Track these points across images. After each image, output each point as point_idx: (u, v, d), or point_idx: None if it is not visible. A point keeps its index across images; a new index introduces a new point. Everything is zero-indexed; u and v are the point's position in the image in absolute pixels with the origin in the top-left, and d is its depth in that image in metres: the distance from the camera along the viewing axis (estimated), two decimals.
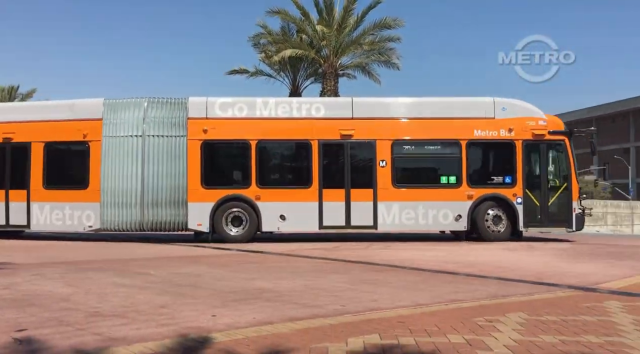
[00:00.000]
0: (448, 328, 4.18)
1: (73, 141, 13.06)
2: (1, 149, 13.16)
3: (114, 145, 12.70)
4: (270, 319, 4.53)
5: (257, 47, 24.76)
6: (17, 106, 14.01)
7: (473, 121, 12.84)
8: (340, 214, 12.63)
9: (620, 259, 9.18)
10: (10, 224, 13.05)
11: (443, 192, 12.75)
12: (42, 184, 12.96)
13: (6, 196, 13.05)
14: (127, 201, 12.62)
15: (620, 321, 4.52)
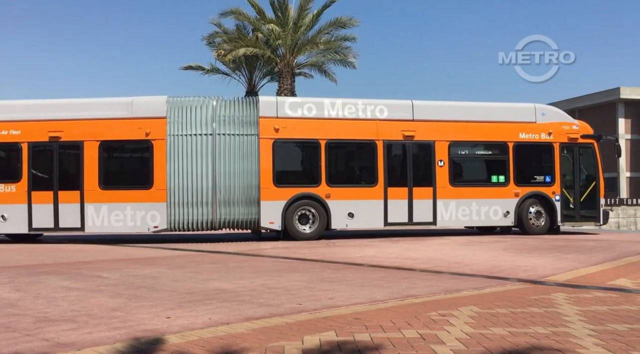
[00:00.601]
0: (403, 323, 4.26)
1: (133, 140, 12.60)
2: (48, 149, 12.57)
3: (180, 143, 12.41)
4: (226, 319, 4.50)
5: (211, 46, 24.50)
6: (65, 103, 12.99)
7: (518, 125, 13.83)
8: (403, 211, 13.16)
9: (567, 253, 9.54)
10: (60, 227, 12.42)
11: (493, 191, 13.66)
12: (98, 184, 12.40)
13: (55, 197, 12.39)
14: (197, 200, 12.36)
15: (566, 312, 4.71)
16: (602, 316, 4.52)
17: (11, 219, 12.35)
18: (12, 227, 12.49)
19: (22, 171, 12.41)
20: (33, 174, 12.44)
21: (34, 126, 12.47)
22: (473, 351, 3.47)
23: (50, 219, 12.35)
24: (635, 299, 5.33)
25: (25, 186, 12.39)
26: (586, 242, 11.66)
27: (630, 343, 3.69)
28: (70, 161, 12.75)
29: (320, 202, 12.76)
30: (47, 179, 12.51)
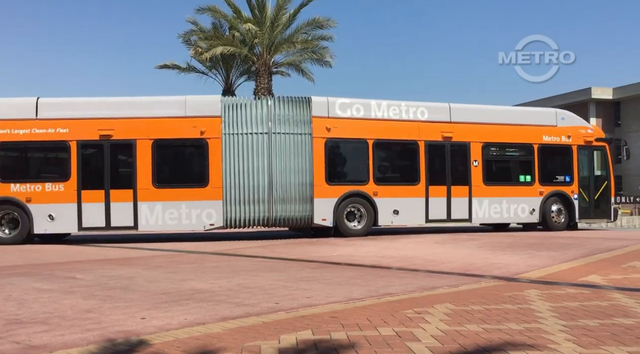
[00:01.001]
0: (379, 321, 4.29)
1: (188, 138, 12.65)
2: (98, 147, 12.45)
3: (236, 142, 12.58)
4: (203, 319, 4.47)
5: (188, 44, 24.26)
6: (116, 101, 12.93)
7: (541, 128, 14.80)
8: (442, 209, 13.83)
9: (539, 250, 9.71)
10: (112, 226, 12.32)
11: (521, 189, 14.56)
12: (151, 182, 12.38)
13: (106, 196, 12.26)
14: (253, 198, 12.57)
15: (538, 308, 4.80)
16: (573, 312, 4.61)
17: (59, 219, 12.18)
18: (60, 227, 12.35)
19: (70, 170, 12.25)
20: (83, 172, 12.30)
21: (83, 124, 12.34)
22: (448, 348, 3.51)
23: (101, 218, 12.24)
24: (606, 295, 5.46)
25: (74, 184, 12.22)
26: (558, 239, 11.88)
27: (601, 338, 3.78)
28: (121, 160, 12.75)
29: (368, 200, 13.26)
30: (98, 178, 12.40)
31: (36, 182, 12.18)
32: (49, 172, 12.67)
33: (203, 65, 24.87)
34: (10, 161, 12.60)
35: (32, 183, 12.14)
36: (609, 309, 4.74)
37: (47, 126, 12.22)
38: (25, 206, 12.05)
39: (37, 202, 12.06)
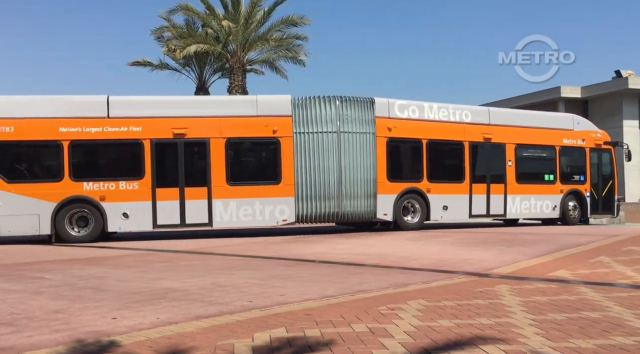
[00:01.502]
0: (353, 318, 4.31)
1: (261, 137, 12.97)
2: (172, 146, 12.57)
3: (307, 140, 13.04)
4: (175, 318, 4.43)
5: (160, 41, 23.93)
6: (189, 100, 13.13)
7: (561, 131, 16.11)
8: (483, 205, 14.80)
9: (510, 246, 9.89)
10: (187, 223, 12.51)
11: (545, 187, 15.76)
12: (225, 180, 12.63)
13: (181, 194, 12.42)
14: (323, 194, 13.11)
15: (509, 302, 4.88)
16: (542, 306, 4.71)
17: (134, 217, 12.25)
18: (135, 225, 12.45)
19: (144, 168, 12.29)
20: (157, 171, 12.38)
21: (157, 122, 12.45)
22: (420, 344, 3.54)
23: (176, 215, 12.39)
24: (574, 290, 5.58)
25: (148, 182, 12.29)
26: (529, 235, 12.11)
27: (568, 331, 3.86)
28: (195, 158, 12.97)
29: (422, 196, 14.08)
30: (172, 176, 12.58)
31: (110, 180, 12.19)
32: (122, 171, 12.59)
33: (176, 62, 24.58)
34: (83, 160, 12.51)
35: (106, 181, 12.15)
36: (577, 303, 4.86)
37: (120, 124, 12.24)
38: (99, 204, 12.05)
39: (111, 200, 12.09)
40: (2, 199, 11.60)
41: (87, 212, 12.07)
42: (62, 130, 11.96)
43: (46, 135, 11.99)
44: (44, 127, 11.94)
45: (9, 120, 11.80)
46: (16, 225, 11.75)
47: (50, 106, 12.12)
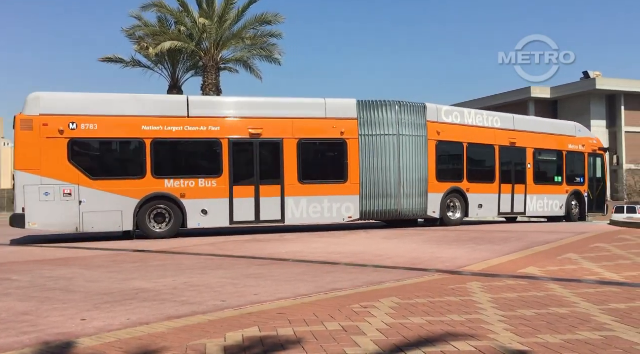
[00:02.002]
0: (326, 316, 4.31)
1: (330, 138, 13.69)
2: (248, 145, 13.06)
3: (371, 142, 13.90)
4: (146, 319, 4.37)
5: (132, 38, 23.55)
6: (264, 102, 13.74)
7: (567, 137, 17.97)
8: (508, 204, 16.20)
9: (481, 244, 10.03)
10: (261, 219, 13.05)
11: (555, 188, 17.38)
12: (297, 179, 13.23)
13: (256, 191, 12.99)
14: (385, 193, 14.03)
15: (480, 300, 4.95)
16: (512, 303, 4.79)
17: (212, 214, 12.70)
18: (213, 222, 12.88)
19: (222, 167, 12.77)
20: (234, 169, 12.85)
21: (234, 123, 13.03)
22: (392, 341, 3.57)
23: (251, 212, 12.91)
24: (542, 286, 5.69)
25: (226, 180, 12.77)
26: (500, 233, 12.30)
27: (537, 327, 3.94)
28: (270, 157, 13.38)
29: (462, 195, 15.24)
30: (248, 174, 13.10)
31: (190, 178, 12.59)
32: (201, 169, 13.00)
33: (148, 59, 24.23)
34: (164, 158, 12.79)
35: (186, 179, 12.54)
36: (545, 300, 4.95)
37: (200, 124, 12.66)
38: (180, 201, 12.43)
39: (191, 197, 12.52)
40: (86, 196, 11.80)
41: (166, 209, 12.44)
42: (145, 128, 12.27)
43: (129, 133, 12.29)
44: (127, 125, 12.22)
45: (93, 117, 11.96)
46: (100, 221, 11.97)
47: (133, 104, 12.47)
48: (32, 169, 11.48)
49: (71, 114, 11.86)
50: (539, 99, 62.54)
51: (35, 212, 11.44)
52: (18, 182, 11.42)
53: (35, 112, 11.63)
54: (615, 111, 60.31)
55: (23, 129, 11.52)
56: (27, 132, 11.53)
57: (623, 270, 6.75)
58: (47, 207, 11.47)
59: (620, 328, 3.90)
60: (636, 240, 9.68)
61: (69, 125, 11.74)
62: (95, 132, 11.94)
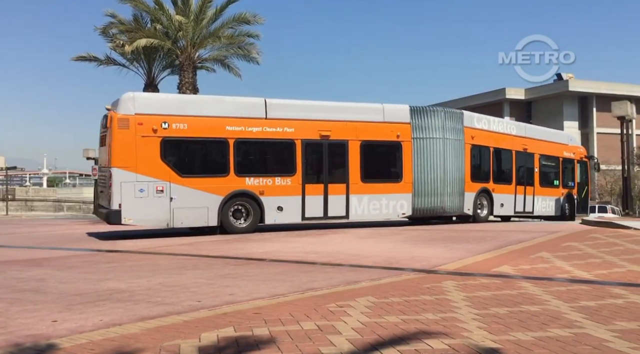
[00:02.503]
0: (302, 315, 4.31)
1: (387, 140, 14.63)
2: (318, 146, 13.84)
3: (421, 145, 15.05)
4: (120, 320, 4.31)
5: (106, 36, 23.14)
6: (331, 106, 14.58)
7: (562, 145, 20.24)
8: (521, 204, 17.89)
9: (457, 243, 10.14)
10: (329, 215, 13.81)
11: (554, 191, 19.31)
12: (360, 178, 14.10)
13: (325, 189, 13.78)
14: (432, 191, 15.19)
15: (454, 298, 5.01)
16: (485, 301, 4.86)
17: (287, 210, 13.36)
18: (287, 218, 13.50)
19: (296, 166, 13.50)
20: (305, 168, 13.62)
21: (306, 124, 13.72)
22: (367, 339, 3.59)
23: (320, 209, 13.73)
24: (515, 285, 5.79)
25: (299, 179, 13.53)
26: (475, 232, 12.45)
27: (509, 324, 4.00)
28: (336, 158, 14.20)
29: (489, 195, 16.66)
30: (318, 173, 13.95)
31: (268, 176, 13.29)
32: (278, 168, 13.67)
33: (124, 57, 23.85)
34: (245, 157, 13.44)
35: (264, 177, 13.23)
36: (518, 298, 5.03)
37: (276, 125, 13.35)
38: (259, 198, 13.08)
39: (269, 194, 13.16)
40: (176, 193, 12.28)
41: (244, 206, 13.08)
42: (228, 128, 12.87)
43: (215, 133, 12.81)
44: (213, 126, 12.77)
45: (183, 117, 12.45)
46: (188, 217, 12.48)
47: (217, 105, 13.08)
48: (129, 167, 11.87)
49: (163, 113, 12.30)
50: (514, 100, 63.46)
51: (130, 208, 11.85)
52: (115, 179, 11.75)
53: (131, 111, 11.99)
54: (587, 113, 61.53)
55: (120, 128, 11.85)
56: (124, 130, 11.87)
57: (593, 268, 6.90)
58: (141, 203, 11.93)
59: (590, 325, 3.99)
60: (606, 239, 9.90)
61: (162, 124, 12.18)
62: (184, 132, 12.42)
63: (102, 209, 12.42)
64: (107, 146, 12.02)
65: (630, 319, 4.18)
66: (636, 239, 9.60)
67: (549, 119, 60.73)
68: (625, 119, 21.02)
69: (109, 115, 12.03)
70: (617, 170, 41.01)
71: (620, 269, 6.83)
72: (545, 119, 61.20)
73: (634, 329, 3.87)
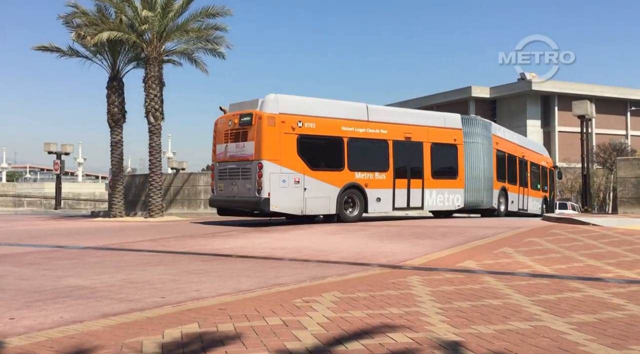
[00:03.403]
0: (267, 311, 4.30)
1: (448, 143, 17.38)
2: (403, 146, 16.20)
3: (469, 148, 17.87)
4: (80, 317, 4.22)
5: (69, 26, 22.50)
6: (411, 112, 19.00)
7: (542, 156, 25.20)
8: (522, 202, 21.85)
9: (423, 239, 10.27)
10: (410, 206, 16.38)
11: (538, 193, 23.74)
12: (430, 174, 16.69)
13: (408, 184, 16.19)
14: (476, 187, 18.00)
15: (419, 293, 5.08)
16: (449, 295, 4.94)
17: (383, 201, 15.61)
18: (383, 208, 15.81)
19: (389, 162, 15.80)
20: (394, 165, 15.88)
21: (395, 127, 16.12)
22: (332, 334, 3.60)
23: (404, 200, 16.11)
24: (479, 279, 5.90)
25: (391, 174, 15.82)
26: (440, 228, 12.63)
27: (471, 318, 4.08)
28: (415, 156, 16.52)
29: (505, 192, 19.81)
30: (403, 170, 16.19)
31: (370, 171, 15.40)
32: (377, 163, 15.66)
33: (87, 49, 23.24)
34: (354, 153, 15.17)
35: (368, 172, 15.35)
36: (481, 292, 5.14)
37: (375, 127, 15.65)
38: (364, 190, 15.18)
39: (371, 187, 15.32)
40: (308, 184, 14.11)
41: (351, 197, 15.04)
42: (344, 128, 14.97)
43: (334, 132, 14.82)
44: (332, 125, 14.79)
45: (312, 117, 14.40)
46: (316, 205, 14.34)
47: (334, 107, 15.20)
48: (275, 160, 13.67)
49: (298, 113, 14.21)
50: (479, 98, 64.53)
51: (277, 197, 13.61)
52: (265, 170, 13.47)
53: (275, 110, 13.84)
54: (549, 111, 63.04)
55: (269, 125, 13.65)
56: (272, 127, 13.68)
57: (553, 263, 7.09)
58: (283, 192, 13.74)
59: (549, 318, 4.10)
60: (566, 234, 10.18)
61: (297, 123, 14.10)
62: (313, 130, 14.38)
63: (240, 198, 14.15)
64: (256, 141, 13.67)
65: (587, 312, 4.31)
66: (594, 235, 9.90)
67: (513, 117, 62.08)
68: (585, 118, 21.69)
69: (256, 113, 13.72)
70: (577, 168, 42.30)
71: (579, 264, 7.04)
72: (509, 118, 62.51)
73: (591, 321, 4.00)
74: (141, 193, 26.03)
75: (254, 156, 13.61)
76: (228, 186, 14.42)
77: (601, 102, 60.13)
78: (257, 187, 13.43)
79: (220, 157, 14.73)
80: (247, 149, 13.85)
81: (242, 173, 13.98)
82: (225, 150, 14.55)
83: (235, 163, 14.23)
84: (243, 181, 13.90)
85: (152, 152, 21.56)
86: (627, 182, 16.22)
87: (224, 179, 14.64)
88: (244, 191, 13.85)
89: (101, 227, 15.73)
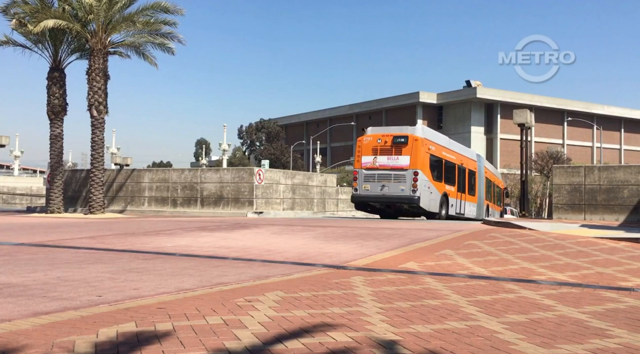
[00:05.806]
0: (208, 310, 4.24)
1: (472, 170, 24.33)
2: (455, 167, 22.20)
3: (480, 174, 25.43)
4: (9, 316, 4.03)
5: (6, 14, 21.47)
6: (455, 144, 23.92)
7: (499, 179, 32.82)
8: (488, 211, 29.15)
9: (367, 240, 10.41)
10: (463, 215, 22.74)
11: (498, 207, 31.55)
12: (467, 190, 23.38)
13: (461, 196, 22.45)
14: (483, 203, 25.78)
15: (361, 293, 5.14)
16: (390, 296, 5.02)
17: (452, 208, 21.29)
18: (451, 211, 21.30)
19: (455, 180, 22.02)
20: (456, 182, 22.04)
21: (449, 152, 21.87)
22: (272, 333, 3.59)
23: (461, 209, 22.56)
24: (419, 280, 6.03)
25: (456, 188, 22.00)
26: (385, 230, 12.82)
27: (410, 317, 4.16)
28: (461, 176, 22.83)
29: (488, 207, 27.25)
30: (458, 186, 22.30)
31: (449, 185, 21.20)
32: (449, 180, 21.35)
33: (27, 38, 22.27)
34: (438, 170, 20.39)
35: (448, 185, 21.12)
36: (421, 292, 5.25)
37: (447, 152, 21.54)
38: (448, 198, 20.91)
39: (450, 196, 21.10)
40: (432, 189, 19.75)
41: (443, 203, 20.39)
42: (443, 153, 21.03)
43: (440, 155, 20.71)
44: (439, 150, 20.59)
45: (433, 143, 20.27)
46: (432, 206, 19.60)
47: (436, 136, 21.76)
48: (423, 170, 18.79)
49: (428, 139, 19.82)
50: (427, 103, 65.98)
51: (423, 198, 18.95)
52: (420, 177, 18.59)
53: (421, 135, 19.34)
54: (492, 119, 65.19)
55: (421, 145, 18.87)
56: (421, 146, 18.82)
57: (490, 265, 7.34)
58: (425, 194, 18.93)
59: (484, 317, 4.24)
60: (504, 238, 10.55)
61: (429, 147, 19.62)
62: (434, 152, 19.98)
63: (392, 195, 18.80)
64: (412, 155, 18.59)
65: (519, 312, 4.49)
66: (530, 239, 10.31)
67: (458, 123, 63.79)
68: (525, 126, 22.62)
69: (412, 136, 18.83)
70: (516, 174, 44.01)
71: (514, 266, 7.31)
72: (454, 123, 64.18)
73: (522, 321, 4.16)
74: (82, 189, 25.16)
75: (409, 166, 18.53)
76: (376, 187, 18.87)
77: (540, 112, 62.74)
78: (412, 188, 18.37)
79: (368, 165, 19.12)
80: (401, 161, 18.70)
81: (394, 178, 18.68)
82: (374, 160, 19.06)
83: (386, 171, 18.81)
84: (395, 183, 18.64)
85: (95, 146, 20.91)
86: (562, 189, 16.99)
87: (370, 181, 19.01)
88: (396, 191, 18.60)
89: (37, 223, 15.10)
